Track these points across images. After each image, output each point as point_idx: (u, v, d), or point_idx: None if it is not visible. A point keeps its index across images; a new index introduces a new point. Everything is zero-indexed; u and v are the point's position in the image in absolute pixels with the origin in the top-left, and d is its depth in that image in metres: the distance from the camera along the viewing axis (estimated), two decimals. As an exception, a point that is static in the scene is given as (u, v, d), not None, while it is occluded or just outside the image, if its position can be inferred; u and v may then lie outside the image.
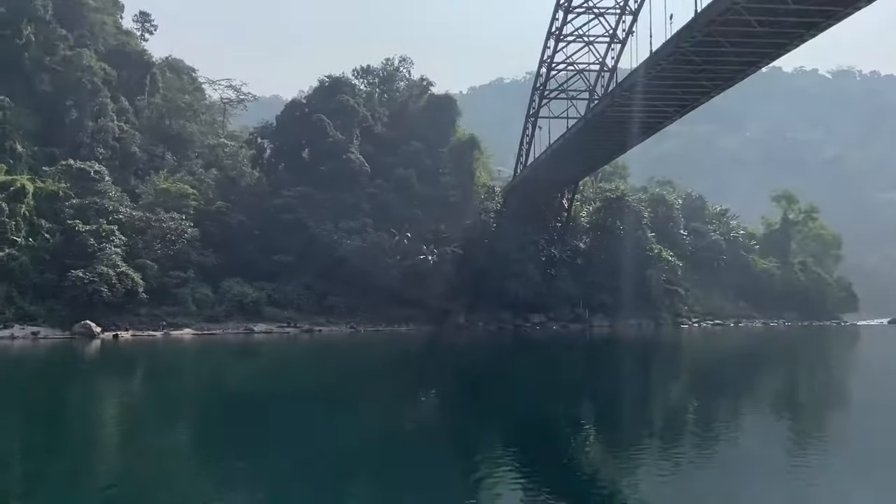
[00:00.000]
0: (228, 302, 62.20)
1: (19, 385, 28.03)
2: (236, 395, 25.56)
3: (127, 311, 57.09)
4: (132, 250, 59.26)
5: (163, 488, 11.45)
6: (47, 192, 58.74)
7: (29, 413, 20.57)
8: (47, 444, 15.35)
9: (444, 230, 73.63)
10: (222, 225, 67.42)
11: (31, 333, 51.07)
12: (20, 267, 53.46)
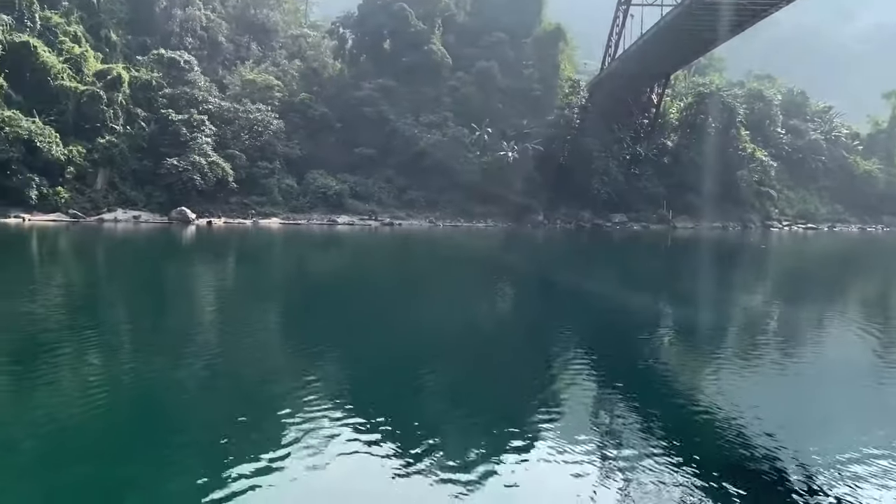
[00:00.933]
0: (312, 194, 63.91)
1: (125, 264, 30.24)
2: (321, 279, 26.81)
3: (218, 199, 59.68)
4: (221, 140, 61.12)
5: (253, 362, 12.32)
6: (142, 82, 60.60)
7: (135, 289, 22.30)
8: (152, 317, 16.70)
9: (525, 125, 72.16)
10: (306, 117, 68.28)
11: (132, 217, 54.41)
12: (120, 154, 56.23)
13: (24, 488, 6.55)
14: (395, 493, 6.70)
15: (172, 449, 7.60)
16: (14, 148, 48.86)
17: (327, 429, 8.17)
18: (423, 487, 6.78)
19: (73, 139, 54.30)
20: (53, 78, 54.65)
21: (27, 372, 10.53)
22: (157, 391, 9.82)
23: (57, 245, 36.51)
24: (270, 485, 6.64)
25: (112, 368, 10.90)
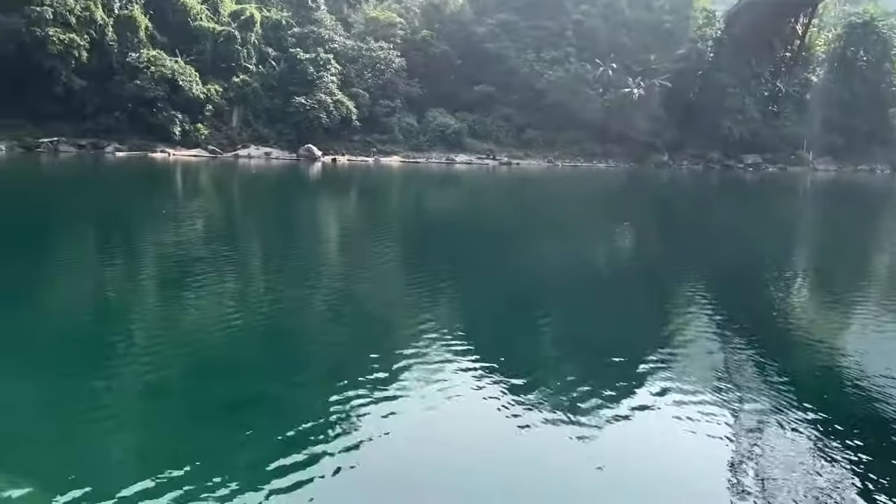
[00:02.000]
0: (431, 132, 64.43)
1: (260, 198, 32.14)
2: (438, 217, 27.35)
3: (342, 137, 61.49)
4: (346, 79, 62.46)
5: (373, 295, 12.92)
6: (272, 21, 62.60)
7: (269, 221, 23.74)
8: (284, 248, 17.79)
9: (653, 60, 68.58)
10: (426, 55, 68.24)
11: (264, 154, 57.26)
12: (253, 92, 58.87)
13: (171, 399, 7.38)
14: (510, 437, 6.92)
15: (297, 371, 8.21)
16: (159, 86, 52.32)
17: (442, 363, 8.53)
18: (534, 429, 6.99)
19: (211, 78, 57.34)
20: (193, 18, 57.56)
21: (175, 294, 11.64)
22: (285, 317, 10.58)
23: (199, 179, 39.25)
24: (383, 415, 7.03)
25: (247, 294, 11.84)
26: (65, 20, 48.92)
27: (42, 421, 6.33)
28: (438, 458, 6.17)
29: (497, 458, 6.16)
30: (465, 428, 6.78)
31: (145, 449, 6.01)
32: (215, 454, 5.81)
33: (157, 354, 8.32)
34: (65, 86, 50.64)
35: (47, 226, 18.99)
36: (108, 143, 52.68)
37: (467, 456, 6.16)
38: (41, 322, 9.59)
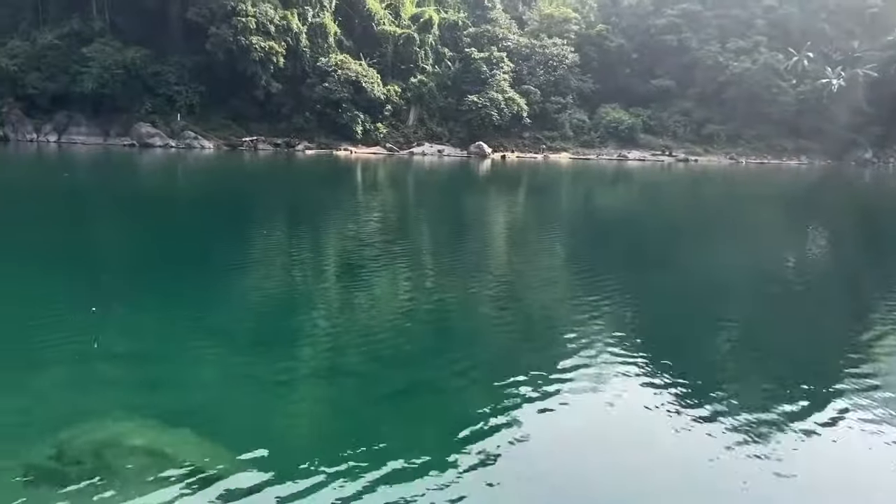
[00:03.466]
0: (603, 128, 63.09)
1: (432, 192, 33.37)
2: (607, 213, 26.76)
3: (512, 134, 62.01)
4: (518, 76, 62.86)
5: (539, 288, 12.96)
6: (449, 22, 64.51)
7: (440, 214, 24.59)
8: (453, 240, 18.36)
9: (856, 48, 62.01)
10: (601, 49, 66.84)
11: (437, 151, 59.22)
12: (428, 92, 61.08)
13: (348, 380, 7.95)
14: (677, 441, 6.72)
15: (466, 362, 8.45)
16: (345, 88, 55.90)
17: (610, 361, 8.42)
18: (708, 437, 6.73)
19: (391, 79, 60.26)
20: (377, 23, 60.80)
21: (355, 281, 12.49)
22: (455, 309, 10.96)
23: (377, 174, 41.50)
24: (548, 410, 7.09)
25: (420, 285, 12.40)
26: (265, 29, 53.73)
27: (233, 393, 7.12)
28: (600, 456, 6.15)
29: (660, 461, 6.03)
30: (629, 428, 6.68)
31: (322, 424, 6.55)
32: (385, 435, 6.18)
33: (336, 338, 9.02)
34: (264, 89, 55.66)
35: (247, 214, 21.15)
36: (299, 141, 57.21)
37: (629, 456, 6.08)
38: (237, 300, 10.74)
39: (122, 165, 39.74)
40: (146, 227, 18.30)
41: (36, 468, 5.09)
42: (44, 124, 56.45)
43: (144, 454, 5.29)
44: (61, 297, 10.28)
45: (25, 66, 54.87)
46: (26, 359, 7.50)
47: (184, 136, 55.09)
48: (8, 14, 59.40)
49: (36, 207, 21.33)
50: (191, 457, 5.34)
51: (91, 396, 6.59)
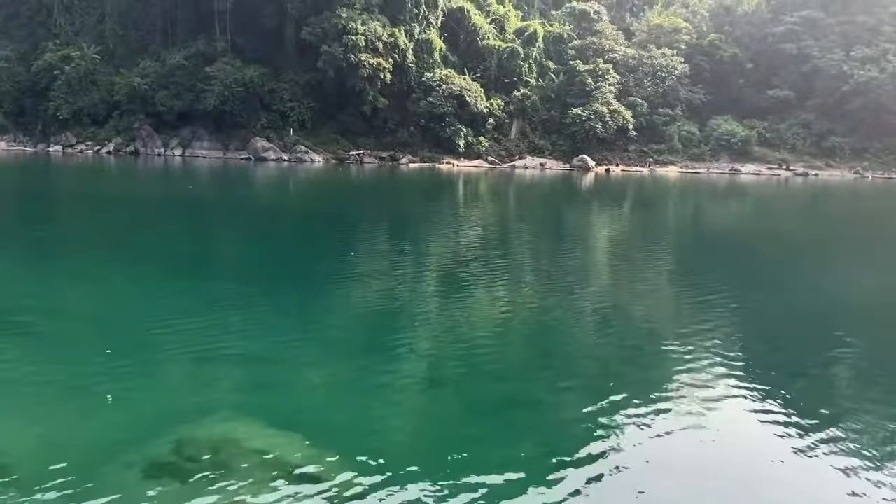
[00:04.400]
0: (714, 140, 60.67)
1: (533, 205, 33.16)
2: (717, 230, 25.59)
3: (617, 147, 60.73)
4: (624, 88, 61.60)
5: (643, 306, 12.50)
6: (554, 35, 64.21)
7: (541, 227, 24.37)
8: (552, 254, 18.11)
9: None
10: (713, 59, 64.41)
11: (539, 164, 58.87)
12: (532, 105, 60.92)
13: (446, 390, 7.94)
14: (784, 469, 6.28)
15: (564, 377, 8.27)
16: (448, 103, 56.64)
17: (715, 382, 8.00)
18: (813, 467, 6.25)
19: (494, 93, 60.55)
20: (481, 38, 61.36)
21: (455, 291, 12.54)
22: (554, 323, 10.76)
23: (478, 187, 41.72)
24: (646, 429, 6.81)
25: (518, 297, 12.29)
26: (374, 46, 55.38)
27: (339, 398, 7.29)
28: (704, 483, 5.82)
29: (769, 493, 5.63)
30: (736, 456, 6.30)
31: (423, 433, 6.57)
32: (483, 448, 6.13)
33: (438, 348, 9.07)
34: (371, 105, 57.30)
35: (354, 225, 21.80)
36: (403, 155, 58.45)
37: (736, 486, 5.72)
38: (343, 308, 11.03)
39: (240, 178, 41.99)
40: (262, 236, 19.21)
41: (157, 462, 5.37)
42: (170, 139, 60.59)
43: (255, 454, 5.47)
44: (183, 300, 10.90)
45: (155, 84, 59.16)
46: (149, 358, 7.99)
47: (295, 150, 57.57)
48: (140, 36, 64.35)
49: (163, 216, 22.87)
50: (299, 459, 5.48)
51: (208, 396, 6.92)
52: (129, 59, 62.17)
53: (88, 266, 13.76)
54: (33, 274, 12.88)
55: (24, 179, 37.57)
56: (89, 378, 7.22)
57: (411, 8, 58.29)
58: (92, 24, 65.13)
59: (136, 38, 64.23)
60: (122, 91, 59.45)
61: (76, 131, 62.02)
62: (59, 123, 61.82)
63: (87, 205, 25.63)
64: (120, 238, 17.60)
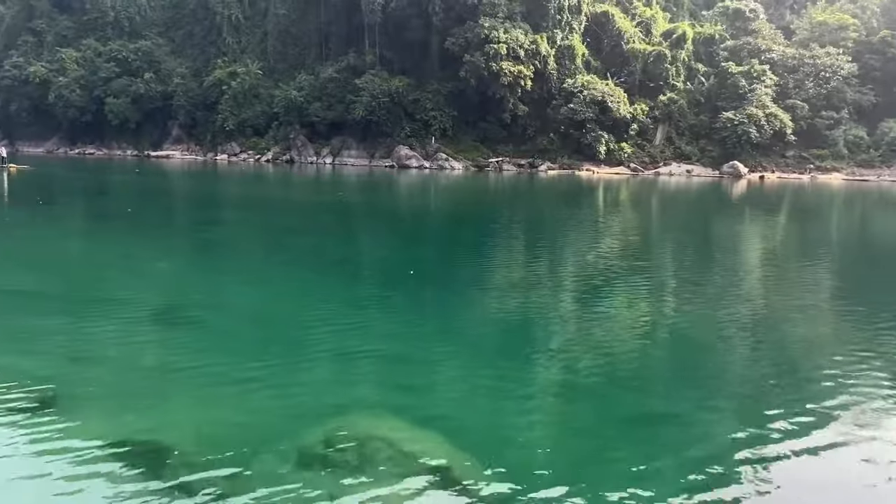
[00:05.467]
0: (886, 145, 55.31)
1: (678, 214, 31.82)
2: (885, 247, 23.27)
3: (773, 152, 56.98)
4: (782, 90, 57.78)
5: (796, 324, 11.63)
6: (704, 36, 61.44)
7: (685, 237, 23.32)
8: (698, 266, 17.27)
9: None
10: (885, 57, 58.81)
11: (685, 171, 56.45)
12: (679, 110, 58.60)
13: (583, 402, 7.80)
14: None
15: (708, 394, 7.85)
16: (590, 109, 55.78)
17: (881, 410, 7.31)
18: None
19: (638, 97, 58.86)
20: (626, 42, 59.89)
21: (592, 300, 12.31)
22: (698, 335, 10.25)
23: (619, 194, 40.69)
24: (798, 452, 6.34)
25: (660, 307, 11.84)
26: (515, 54, 55.66)
27: (476, 402, 7.39)
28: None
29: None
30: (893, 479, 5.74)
31: (559, 442, 6.50)
32: (619, 461, 5.98)
33: (575, 356, 8.96)
34: (511, 112, 57.64)
35: (493, 230, 22.02)
36: (541, 162, 58.23)
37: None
38: (481, 312, 11.18)
39: (384, 185, 43.70)
40: (405, 240, 19.91)
41: (307, 452, 5.73)
42: (322, 148, 64.27)
43: (397, 450, 5.71)
44: (331, 300, 11.54)
45: (310, 96, 63.00)
46: (301, 354, 8.54)
47: (436, 158, 59.04)
48: (297, 52, 68.81)
49: (316, 220, 24.31)
50: (437, 459, 5.65)
51: (354, 392, 7.29)
52: (288, 74, 66.68)
53: (249, 266, 14.92)
54: (202, 272, 14.16)
55: (195, 185, 41.33)
56: (248, 370, 7.82)
57: (554, 14, 58.03)
58: (256, 42, 70.54)
59: (294, 54, 68.79)
60: (281, 103, 63.84)
61: (240, 141, 67.36)
62: (226, 134, 67.45)
63: (248, 209, 27.77)
64: (277, 240, 18.92)
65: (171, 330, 9.53)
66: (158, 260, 14.95)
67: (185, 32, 74.34)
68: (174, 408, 6.72)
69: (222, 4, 69.99)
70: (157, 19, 75.22)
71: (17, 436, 5.81)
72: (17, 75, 72.29)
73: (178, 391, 7.23)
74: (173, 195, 34.41)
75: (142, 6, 74.37)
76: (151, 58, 71.26)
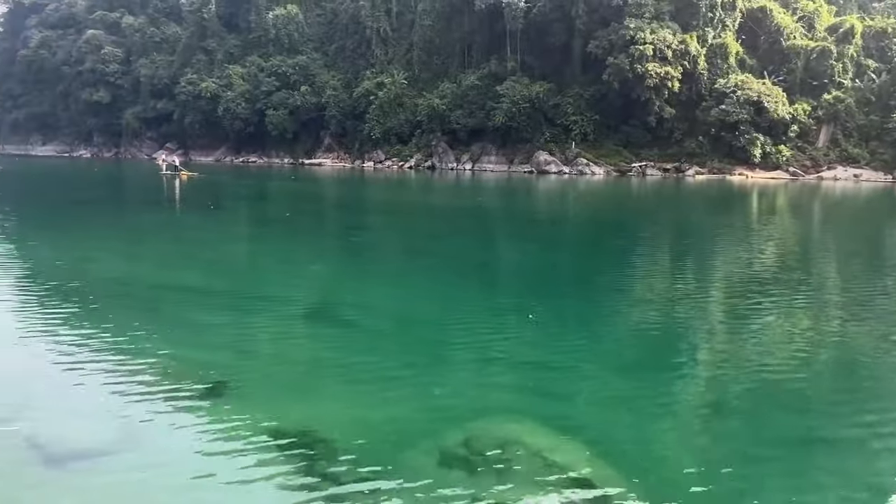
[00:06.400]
0: None
1: (843, 224, 29.26)
2: None
3: (960, 154, 50.97)
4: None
5: None
6: (875, 30, 56.23)
7: (851, 251, 21.41)
8: (873, 275, 15.77)
9: None
10: None
11: (852, 175, 51.84)
12: (845, 109, 53.95)
13: (729, 422, 7.35)
14: None
15: (874, 416, 7.18)
16: (744, 109, 52.67)
17: None
18: None
19: (799, 97, 54.86)
20: (785, 38, 56.04)
21: (740, 315, 11.60)
22: (864, 354, 9.37)
23: (777, 201, 38.05)
24: None
25: (818, 325, 10.93)
26: (662, 55, 53.76)
27: (616, 414, 7.23)
28: None
29: None
30: None
31: (704, 462, 6.20)
32: (769, 487, 5.63)
33: (722, 371, 8.52)
34: (656, 115, 55.70)
35: (636, 237, 21.40)
36: (689, 166, 55.75)
37: None
38: (623, 321, 10.91)
39: (523, 190, 43.74)
40: (544, 247, 19.84)
41: (449, 452, 5.89)
42: (462, 154, 65.44)
43: (537, 456, 5.72)
44: (472, 304, 11.74)
45: (451, 104, 64.39)
46: (443, 355, 8.77)
47: (576, 163, 58.24)
48: (440, 61, 70.58)
49: (457, 226, 24.82)
50: (579, 469, 5.60)
51: (494, 396, 7.38)
52: (431, 83, 68.57)
53: (394, 269, 15.53)
54: (351, 274, 14.90)
55: (345, 191, 43.53)
56: (392, 369, 8.16)
57: (706, 13, 55.46)
58: (402, 53, 73.18)
59: (437, 63, 70.66)
60: (424, 112, 65.76)
61: (385, 149, 70.11)
62: (372, 142, 70.47)
63: (393, 214, 28.86)
64: (420, 245, 19.53)
65: (323, 328, 10.14)
66: (312, 262, 15.93)
67: (337, 46, 78.52)
68: (325, 401, 7.15)
69: (372, 18, 73.23)
70: (313, 35, 79.98)
71: (194, 417, 6.45)
72: (191, 91, 79.62)
73: (329, 385, 7.67)
74: (325, 201, 36.44)
75: (299, 24, 79.41)
76: (307, 71, 75.88)
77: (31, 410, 6.47)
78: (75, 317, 9.94)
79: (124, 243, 18.41)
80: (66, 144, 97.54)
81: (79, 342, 8.60)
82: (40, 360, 7.83)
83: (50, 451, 5.58)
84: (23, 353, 8.14)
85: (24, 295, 11.45)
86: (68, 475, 5.30)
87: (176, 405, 6.68)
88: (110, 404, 6.63)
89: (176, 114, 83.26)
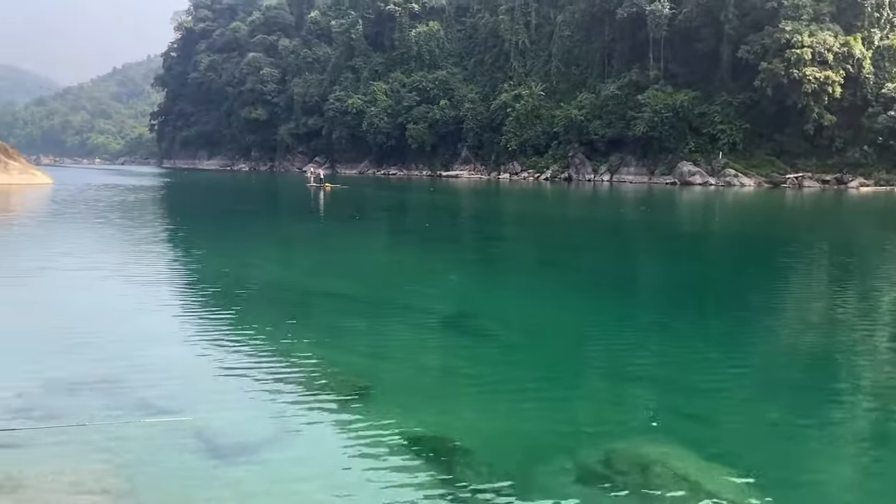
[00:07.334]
0: None
1: None
2: None
3: None
4: None
5: None
6: None
7: None
8: None
9: None
10: None
11: None
12: None
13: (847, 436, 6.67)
14: None
15: None
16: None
17: None
18: None
19: None
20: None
21: None
22: None
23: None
24: None
25: None
26: (822, 59, 50.07)
27: (759, 439, 6.77)
28: None
29: None
30: None
31: (861, 487, 5.73)
32: None
33: (888, 401, 7.80)
34: (815, 122, 51.89)
35: (788, 253, 19.99)
36: (852, 177, 51.39)
37: None
38: (769, 344, 10.22)
39: (666, 203, 42.14)
40: (688, 260, 19.06)
41: (587, 469, 5.78)
42: (599, 165, 64.27)
43: (684, 481, 5.47)
44: (608, 318, 11.49)
45: (590, 115, 63.51)
46: (580, 370, 8.65)
47: (723, 174, 55.38)
48: (579, 72, 69.86)
49: (595, 238, 24.38)
50: (728, 497, 5.31)
51: (633, 414, 7.17)
52: (569, 94, 68.04)
53: (529, 281, 15.52)
54: (487, 285, 15.06)
55: (481, 203, 44.06)
56: (527, 381, 8.13)
57: (871, 12, 51.04)
58: (540, 64, 73.21)
59: (576, 73, 70.02)
60: (561, 123, 65.32)
61: (521, 160, 70.29)
62: (508, 154, 70.94)
63: (529, 226, 28.86)
64: (556, 257, 19.39)
65: (458, 337, 10.30)
66: (450, 272, 16.26)
67: (476, 60, 79.84)
68: (460, 410, 7.25)
69: (511, 31, 73.82)
70: (453, 50, 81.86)
71: (340, 418, 6.78)
72: (338, 107, 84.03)
73: (464, 394, 7.78)
74: (463, 212, 37.09)
75: (440, 39, 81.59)
76: (447, 86, 77.72)
77: (198, 404, 7.07)
78: (237, 320, 10.77)
79: (279, 250, 19.76)
80: (227, 159, 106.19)
81: (239, 344, 9.30)
82: (206, 359, 8.54)
83: (215, 443, 6.07)
84: (191, 352, 8.91)
85: (194, 299, 12.58)
86: (228, 467, 5.74)
87: (324, 406, 7.05)
88: (266, 402, 7.11)
89: (324, 129, 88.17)
